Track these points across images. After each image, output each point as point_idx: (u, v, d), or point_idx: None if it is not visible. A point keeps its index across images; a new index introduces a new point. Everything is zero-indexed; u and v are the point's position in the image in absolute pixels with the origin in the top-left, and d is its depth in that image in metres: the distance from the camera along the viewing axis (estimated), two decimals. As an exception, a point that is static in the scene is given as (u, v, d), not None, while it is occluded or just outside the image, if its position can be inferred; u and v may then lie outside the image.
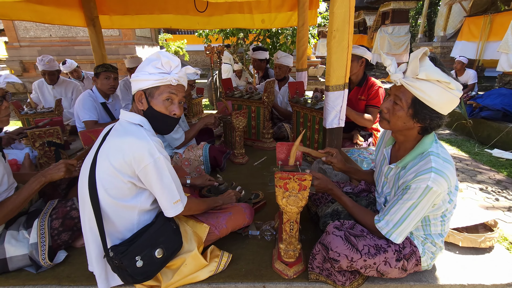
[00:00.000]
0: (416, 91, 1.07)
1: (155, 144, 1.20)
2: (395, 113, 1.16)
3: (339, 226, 1.25)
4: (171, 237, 1.30)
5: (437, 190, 1.08)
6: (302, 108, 2.60)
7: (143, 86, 1.24)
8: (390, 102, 1.18)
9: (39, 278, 1.41)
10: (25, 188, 1.43)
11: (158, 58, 1.23)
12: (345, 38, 1.76)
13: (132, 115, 1.28)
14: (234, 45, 7.37)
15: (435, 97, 1.05)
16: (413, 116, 1.13)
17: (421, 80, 1.05)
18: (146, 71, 1.22)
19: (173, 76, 1.24)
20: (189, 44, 12.72)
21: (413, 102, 1.10)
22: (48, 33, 8.71)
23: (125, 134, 1.20)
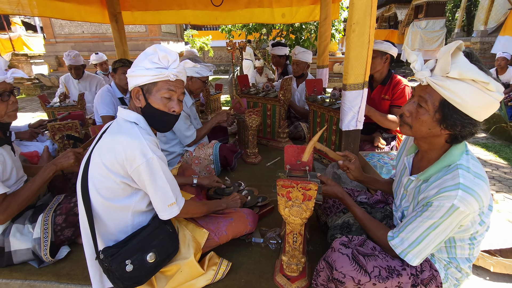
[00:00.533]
0: (445, 92, 0.90)
1: (148, 143, 1.13)
2: (419, 117, 1.00)
3: (347, 243, 1.12)
4: (165, 241, 1.24)
5: (465, 211, 0.91)
6: (319, 107, 2.45)
7: (140, 82, 1.18)
8: (414, 104, 1.02)
9: (40, 273, 1.42)
10: (38, 176, 1.47)
11: (154, 52, 1.16)
12: (366, 32, 1.60)
13: (128, 113, 1.22)
14: (256, 40, 7.26)
15: (468, 99, 0.88)
16: (440, 122, 0.96)
17: (452, 79, 0.89)
18: (143, 66, 1.16)
19: (171, 71, 1.18)
20: (214, 40, 12.80)
21: (441, 105, 0.94)
22: (80, 29, 9.13)
23: (118, 133, 1.15)
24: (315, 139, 1.37)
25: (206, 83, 2.32)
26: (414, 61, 0.99)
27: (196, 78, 2.26)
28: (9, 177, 1.50)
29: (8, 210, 1.36)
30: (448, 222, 0.95)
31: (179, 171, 1.93)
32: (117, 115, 1.25)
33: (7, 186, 1.44)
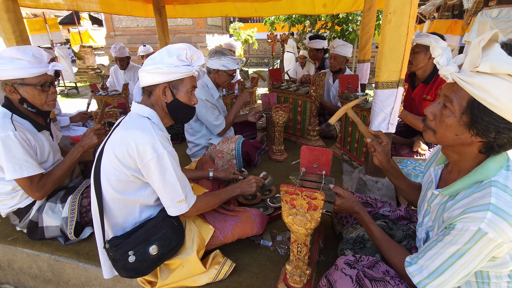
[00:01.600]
0: (474, 89, 0.73)
1: (160, 139, 1.15)
2: (443, 120, 0.83)
3: (352, 263, 1.00)
4: (169, 234, 1.24)
5: (496, 238, 0.74)
6: (351, 106, 2.25)
7: (168, 78, 1.20)
8: (438, 106, 0.86)
9: (64, 250, 1.55)
10: (67, 157, 1.63)
11: (182, 49, 1.20)
12: (404, 22, 1.39)
13: (142, 108, 1.24)
14: (300, 33, 7.03)
15: (504, 99, 0.70)
16: (469, 126, 0.79)
17: (482, 74, 0.72)
18: (171, 63, 1.18)
19: (195, 68, 1.24)
20: (259, 32, 12.75)
21: (469, 105, 0.77)
22: (136, 23, 9.81)
23: (131, 127, 1.18)
24: (350, 105, 1.26)
25: (233, 76, 2.29)
26: (438, 56, 0.82)
27: (222, 71, 2.23)
28: (46, 160, 1.65)
29: (44, 188, 1.51)
30: (476, 251, 0.77)
31: (198, 164, 1.94)
32: (131, 109, 1.28)
33: (44, 168, 1.59)
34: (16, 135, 1.40)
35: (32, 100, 1.48)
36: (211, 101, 2.24)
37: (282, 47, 6.14)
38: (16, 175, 1.40)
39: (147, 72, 1.21)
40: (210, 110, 2.20)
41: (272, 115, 2.40)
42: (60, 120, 2.99)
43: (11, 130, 1.39)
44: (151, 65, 1.19)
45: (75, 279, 1.53)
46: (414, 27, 1.44)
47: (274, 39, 5.67)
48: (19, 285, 1.73)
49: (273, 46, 5.97)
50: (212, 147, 2.36)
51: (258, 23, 14.24)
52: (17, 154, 1.40)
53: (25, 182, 1.44)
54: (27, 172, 1.42)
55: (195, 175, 1.80)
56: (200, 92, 2.20)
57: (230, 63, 2.22)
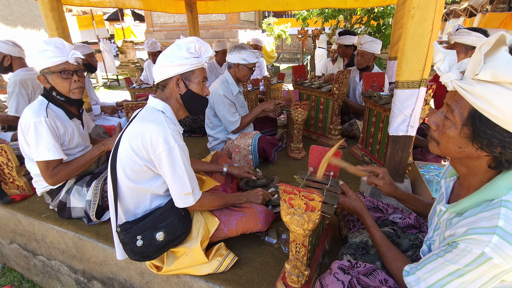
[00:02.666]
0: (474, 99, 0.67)
1: (172, 132, 1.20)
2: (445, 131, 0.77)
3: (347, 268, 0.97)
4: (175, 223, 1.30)
5: (502, 264, 0.67)
6: (374, 105, 2.15)
7: (181, 70, 1.26)
8: (441, 115, 0.79)
9: (87, 230, 1.69)
10: (88, 153, 1.75)
11: (191, 42, 1.26)
12: (428, 18, 1.29)
13: (157, 102, 1.30)
14: (333, 28, 6.80)
15: (507, 110, 0.63)
16: (471, 139, 0.72)
17: (484, 82, 0.65)
18: (182, 56, 1.24)
19: (204, 60, 1.30)
20: (293, 27, 12.54)
21: (471, 117, 0.70)
22: (173, 19, 10.17)
23: (147, 120, 1.23)
24: (328, 156, 1.22)
25: (253, 70, 2.29)
26: (439, 61, 0.75)
27: (242, 65, 2.25)
28: (75, 146, 1.80)
29: (57, 176, 1.63)
30: (477, 274, 0.71)
31: (213, 157, 1.99)
32: (148, 103, 1.34)
33: (71, 154, 1.74)
34: (46, 121, 1.54)
35: (58, 87, 1.61)
36: (229, 97, 2.27)
37: (313, 43, 6.00)
38: (39, 157, 1.55)
39: (161, 67, 1.27)
40: (227, 107, 2.24)
41: (291, 112, 2.37)
42: (93, 109, 3.23)
43: (43, 116, 1.54)
44: (163, 59, 1.25)
45: (94, 257, 1.66)
46: (441, 22, 1.33)
47: (305, 34, 5.54)
48: (50, 258, 1.92)
49: (304, 41, 5.84)
50: (230, 141, 2.40)
51: (292, 18, 14.00)
52: (45, 138, 1.54)
53: (43, 165, 1.58)
54: (47, 156, 1.55)
55: (209, 168, 1.84)
56: (219, 87, 2.24)
57: (250, 56, 2.22)
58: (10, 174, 1.97)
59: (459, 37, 1.71)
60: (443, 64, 0.73)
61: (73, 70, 1.63)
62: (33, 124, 1.52)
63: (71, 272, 1.85)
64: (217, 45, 4.13)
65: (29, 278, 2.13)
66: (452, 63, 0.75)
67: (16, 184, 2.00)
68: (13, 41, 2.65)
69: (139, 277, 1.52)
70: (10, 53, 2.59)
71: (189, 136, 3.22)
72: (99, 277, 1.72)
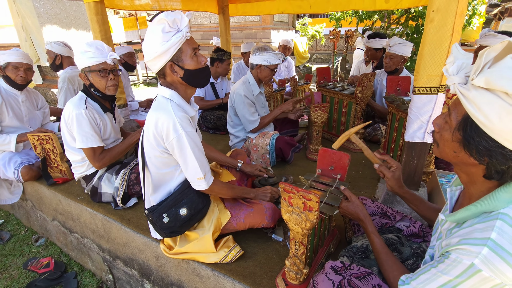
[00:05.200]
0: (468, 104, 0.67)
1: (179, 120, 1.25)
2: (442, 133, 0.78)
3: (339, 269, 0.99)
4: (194, 198, 1.42)
5: (492, 278, 0.66)
6: (397, 110, 2.09)
7: (168, 56, 1.22)
8: (443, 118, 0.79)
9: (113, 213, 1.87)
10: (127, 139, 1.96)
11: (162, 22, 1.17)
12: (448, 22, 1.25)
13: (164, 90, 1.33)
14: (368, 28, 6.57)
15: (495, 118, 0.62)
16: (463, 144, 0.72)
17: (478, 88, 0.64)
18: (161, 41, 1.18)
19: (185, 31, 1.22)
20: (328, 28, 12.28)
21: (463, 121, 0.70)
22: (209, 20, 10.52)
23: (158, 109, 1.29)
24: (353, 130, 1.23)
25: (274, 71, 2.34)
26: (449, 63, 0.75)
27: (264, 66, 2.31)
28: (108, 138, 2.00)
29: (103, 160, 1.86)
30: (468, 286, 0.71)
31: (232, 154, 2.08)
32: (158, 92, 1.39)
33: (105, 144, 1.94)
34: (86, 113, 1.75)
35: (96, 84, 1.81)
36: (249, 97, 2.34)
37: (346, 44, 5.86)
38: (83, 145, 1.75)
39: (149, 61, 1.27)
40: (247, 107, 2.31)
41: (310, 114, 2.38)
42: (131, 104, 3.50)
43: (83, 109, 1.74)
44: (147, 53, 1.24)
45: (118, 238, 1.84)
46: (462, 27, 1.28)
47: (337, 35, 5.43)
48: (83, 236, 2.16)
49: (335, 43, 5.73)
50: (249, 140, 2.47)
51: (327, 18, 13.73)
52: (86, 128, 1.75)
53: (89, 152, 1.79)
54: (91, 143, 1.76)
55: (225, 160, 1.92)
56: (240, 87, 2.33)
57: (272, 58, 2.28)
58: (55, 159, 2.24)
59: (484, 40, 1.62)
60: (452, 66, 0.73)
61: (109, 69, 1.82)
62: (75, 116, 1.73)
63: (100, 251, 2.06)
64: (245, 47, 4.24)
65: (66, 253, 2.41)
66: (462, 67, 0.75)
67: (59, 168, 2.27)
68: (64, 42, 2.99)
69: (155, 260, 1.66)
70: (61, 52, 2.92)
71: (213, 133, 3.36)
72: (122, 257, 1.90)
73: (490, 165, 0.69)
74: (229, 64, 3.37)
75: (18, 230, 2.69)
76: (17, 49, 2.36)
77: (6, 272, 2.19)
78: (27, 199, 2.57)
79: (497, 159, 0.66)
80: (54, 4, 4.87)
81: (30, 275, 2.16)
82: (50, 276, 2.10)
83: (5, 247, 2.44)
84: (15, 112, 2.39)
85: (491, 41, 1.61)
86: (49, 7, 4.81)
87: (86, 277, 2.18)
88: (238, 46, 7.31)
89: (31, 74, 2.43)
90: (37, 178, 2.35)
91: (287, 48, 4.56)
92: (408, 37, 5.30)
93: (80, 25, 5.34)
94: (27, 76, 2.38)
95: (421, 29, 5.12)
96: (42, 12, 4.72)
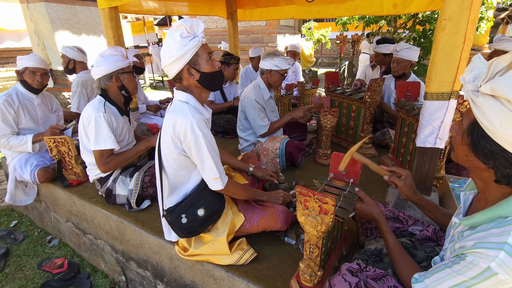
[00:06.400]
0: (476, 109, 0.72)
1: (196, 121, 1.29)
2: (455, 138, 0.83)
3: (355, 271, 1.01)
4: (211, 199, 1.45)
5: (507, 281, 0.68)
6: (407, 115, 2.11)
7: (185, 60, 1.28)
8: (457, 123, 0.83)
9: (127, 215, 1.91)
10: (135, 147, 2.00)
11: (181, 28, 1.24)
12: (460, 30, 1.27)
13: (180, 94, 1.38)
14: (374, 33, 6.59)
15: (495, 122, 0.67)
16: (471, 148, 0.76)
17: (484, 95, 0.69)
18: (180, 46, 1.24)
19: (201, 36, 1.28)
20: (333, 32, 12.34)
21: (472, 125, 0.75)
22: (215, 24, 10.63)
23: (175, 111, 1.34)
24: (354, 149, 1.26)
25: (284, 76, 2.38)
26: (467, 71, 0.78)
27: (274, 71, 2.35)
28: (123, 140, 2.05)
29: (109, 164, 1.89)
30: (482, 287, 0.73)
31: (244, 157, 2.11)
32: (174, 95, 1.44)
33: (120, 146, 1.98)
34: (104, 116, 1.80)
35: (128, 85, 1.90)
36: (260, 102, 2.38)
37: (352, 48, 5.88)
38: (99, 147, 1.80)
39: (167, 65, 1.31)
40: (257, 111, 2.35)
41: (320, 118, 2.41)
42: (139, 107, 3.56)
43: (102, 112, 1.80)
44: (165, 57, 1.30)
45: (132, 240, 1.88)
46: (474, 34, 1.30)
47: (344, 40, 5.47)
48: (97, 237, 2.20)
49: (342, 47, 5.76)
50: (259, 144, 2.51)
51: (332, 22, 13.78)
52: (104, 130, 1.80)
53: (98, 154, 1.84)
54: (104, 145, 1.81)
55: (237, 164, 1.95)
56: (251, 92, 2.37)
57: (282, 63, 2.32)
58: (70, 162, 2.30)
59: (499, 44, 1.65)
60: (469, 74, 0.77)
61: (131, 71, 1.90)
62: (93, 119, 1.78)
63: (113, 252, 2.10)
64: (253, 51, 4.29)
65: (79, 254, 2.45)
66: (479, 76, 0.78)
67: (74, 170, 2.32)
68: (78, 47, 3.06)
69: (169, 262, 1.69)
70: (74, 57, 3.00)
71: (222, 137, 3.40)
72: (136, 258, 1.93)
73: (496, 168, 0.73)
74: (237, 68, 3.42)
75: (32, 231, 2.75)
76: (35, 54, 2.43)
77: (21, 272, 2.24)
78: (41, 200, 2.62)
79: (500, 162, 0.71)
80: (67, 10, 4.99)
81: (44, 275, 2.20)
82: (64, 276, 2.14)
83: (19, 247, 2.50)
84: (31, 115, 2.46)
85: (506, 44, 1.63)
86: (61, 13, 4.92)
87: (99, 278, 2.22)
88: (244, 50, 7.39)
89: (47, 79, 2.50)
90: (52, 180, 2.40)
91: (296, 54, 4.61)
92: (415, 42, 5.31)
93: (91, 30, 5.45)
94: (43, 81, 2.45)
95: (428, 33, 5.13)
96: (54, 18, 4.83)
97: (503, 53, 1.72)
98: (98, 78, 1.88)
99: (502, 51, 1.69)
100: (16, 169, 2.39)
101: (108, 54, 1.85)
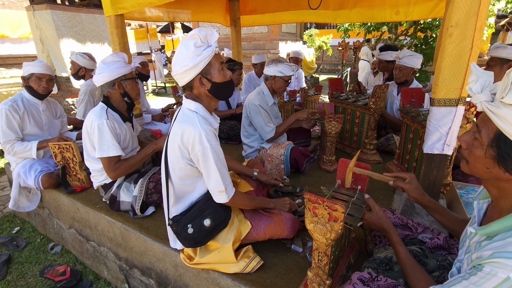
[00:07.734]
0: (499, 121, 0.69)
1: (205, 133, 1.28)
2: (472, 150, 0.80)
3: (367, 280, 0.99)
4: (217, 209, 1.43)
5: None
6: (412, 121, 2.10)
7: (198, 70, 1.27)
8: (471, 135, 0.81)
9: (132, 222, 1.90)
10: (142, 150, 2.01)
11: (195, 37, 1.23)
12: (468, 36, 1.27)
13: (189, 103, 1.37)
14: (376, 40, 6.63)
15: None
16: (497, 161, 0.74)
17: (508, 105, 0.67)
18: (193, 55, 1.23)
19: (214, 46, 1.28)
20: (334, 39, 12.44)
21: (496, 138, 0.72)
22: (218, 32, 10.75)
23: (184, 121, 1.33)
24: (351, 165, 1.26)
25: (288, 82, 2.39)
26: (472, 82, 0.77)
27: (279, 78, 2.36)
28: (127, 146, 2.05)
29: (118, 170, 1.88)
30: None
31: (249, 163, 2.10)
32: (183, 104, 1.43)
33: (124, 152, 1.98)
34: (107, 123, 1.80)
35: (130, 91, 1.90)
36: (264, 107, 2.38)
37: (354, 55, 5.91)
38: (103, 154, 1.79)
39: (179, 73, 1.30)
40: (262, 116, 2.35)
41: (324, 125, 2.41)
42: (145, 117, 3.57)
43: (105, 119, 1.80)
44: (177, 66, 1.28)
45: (137, 247, 1.86)
46: (482, 40, 1.31)
47: (346, 46, 5.49)
48: (100, 244, 2.18)
49: (344, 54, 5.79)
50: (263, 150, 2.50)
51: (334, 29, 13.91)
52: (107, 137, 1.79)
53: (106, 161, 1.83)
54: (109, 153, 1.80)
55: (242, 169, 1.94)
56: (255, 98, 2.37)
57: (286, 69, 2.33)
58: (74, 168, 2.29)
59: (494, 51, 1.65)
60: (475, 85, 0.76)
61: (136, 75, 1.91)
62: (96, 126, 1.78)
63: (116, 259, 2.08)
64: (256, 58, 4.32)
65: (82, 261, 2.43)
66: (486, 85, 0.77)
67: (78, 177, 2.32)
68: (89, 54, 3.09)
69: (173, 270, 1.67)
70: (85, 65, 3.03)
71: (226, 143, 3.40)
72: (139, 265, 1.91)
73: None
74: (240, 74, 3.44)
75: (34, 238, 2.73)
76: (41, 60, 2.45)
77: (23, 280, 2.21)
78: (44, 206, 2.61)
79: None
80: (72, 17, 5.05)
81: (47, 283, 2.18)
82: (67, 284, 2.12)
83: (21, 254, 2.48)
84: (36, 120, 2.46)
85: (501, 51, 1.64)
86: (66, 20, 4.98)
87: (101, 286, 2.19)
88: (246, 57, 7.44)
89: (52, 85, 2.52)
90: (56, 186, 2.39)
91: (298, 60, 4.64)
92: (416, 49, 5.34)
93: (95, 37, 5.51)
94: (48, 87, 2.46)
95: (430, 40, 5.17)
96: (60, 25, 4.89)
97: (499, 60, 1.73)
98: (100, 85, 1.88)
99: (498, 58, 1.70)
100: (20, 175, 2.38)
101: (110, 60, 1.85)
